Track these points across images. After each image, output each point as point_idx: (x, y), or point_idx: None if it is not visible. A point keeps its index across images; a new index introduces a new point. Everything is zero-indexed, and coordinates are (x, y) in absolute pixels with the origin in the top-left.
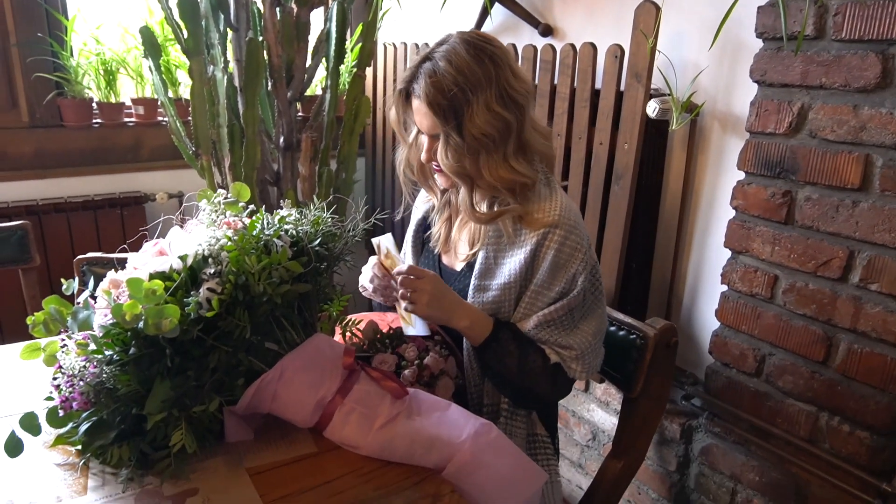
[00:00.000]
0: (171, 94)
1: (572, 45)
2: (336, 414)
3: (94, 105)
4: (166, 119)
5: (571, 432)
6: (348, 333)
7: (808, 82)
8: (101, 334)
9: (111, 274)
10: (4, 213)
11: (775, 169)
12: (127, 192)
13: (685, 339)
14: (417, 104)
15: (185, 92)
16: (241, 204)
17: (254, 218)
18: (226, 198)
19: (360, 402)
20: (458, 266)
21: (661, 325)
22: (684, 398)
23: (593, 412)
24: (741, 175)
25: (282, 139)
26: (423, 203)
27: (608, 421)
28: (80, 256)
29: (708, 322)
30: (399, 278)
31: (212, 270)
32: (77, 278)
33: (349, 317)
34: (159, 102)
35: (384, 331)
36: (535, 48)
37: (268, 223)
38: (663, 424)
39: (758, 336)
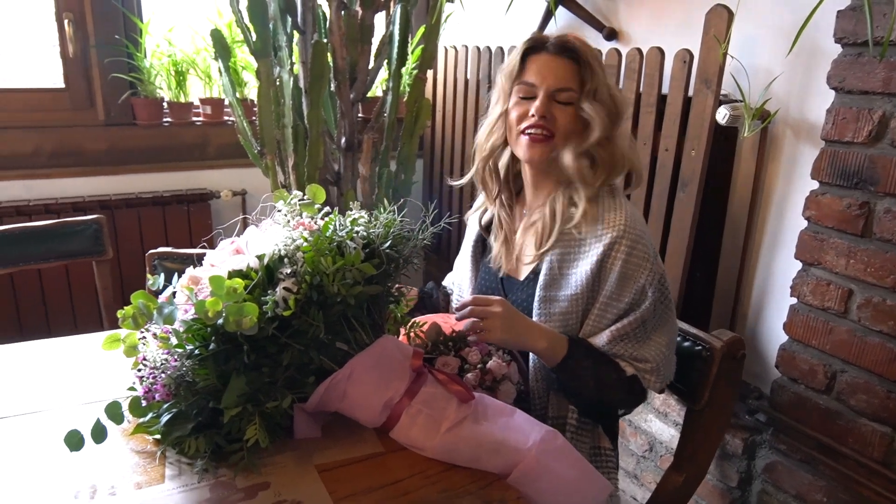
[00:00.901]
0: (238, 95)
1: (638, 50)
2: (403, 415)
3: (164, 104)
4: (232, 118)
5: (628, 442)
6: (412, 334)
7: (890, 89)
8: (182, 329)
9: (190, 270)
10: (80, 206)
11: (852, 179)
12: (193, 188)
13: (750, 351)
14: (549, 58)
15: (251, 93)
16: (315, 206)
17: (327, 219)
18: (302, 199)
19: (427, 405)
20: (523, 274)
21: (729, 337)
22: (748, 412)
23: (651, 423)
24: (815, 184)
25: (343, 139)
26: (476, 216)
27: (666, 432)
28: (151, 251)
29: (775, 335)
30: (466, 310)
31: (288, 270)
32: (148, 271)
33: (413, 318)
34: (226, 102)
35: (447, 333)
36: (599, 52)
37: (340, 225)
38: (725, 438)
39: (829, 351)
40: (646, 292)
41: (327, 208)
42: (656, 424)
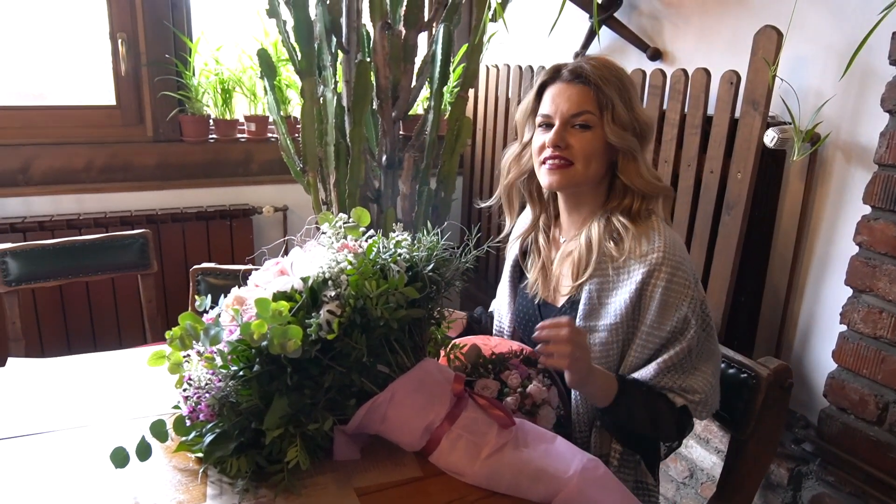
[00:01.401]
0: (282, 113)
1: (684, 71)
2: (443, 440)
3: (210, 121)
4: (276, 136)
5: (667, 468)
6: (451, 356)
7: None
8: (227, 349)
9: (235, 290)
10: (128, 220)
11: None
12: (236, 204)
13: (796, 378)
14: (563, 86)
15: (294, 110)
16: (360, 228)
17: (371, 241)
18: (347, 222)
19: (468, 430)
20: (560, 302)
21: (776, 365)
22: (794, 441)
23: (692, 449)
24: (866, 209)
25: (384, 157)
26: (516, 241)
27: (707, 459)
28: (195, 266)
29: (822, 363)
30: (535, 334)
31: (332, 293)
32: (192, 287)
33: (453, 340)
34: (271, 120)
35: (487, 355)
36: (643, 72)
37: (384, 247)
38: (770, 468)
39: (881, 381)
40: (689, 321)
41: (370, 231)
42: (697, 451)
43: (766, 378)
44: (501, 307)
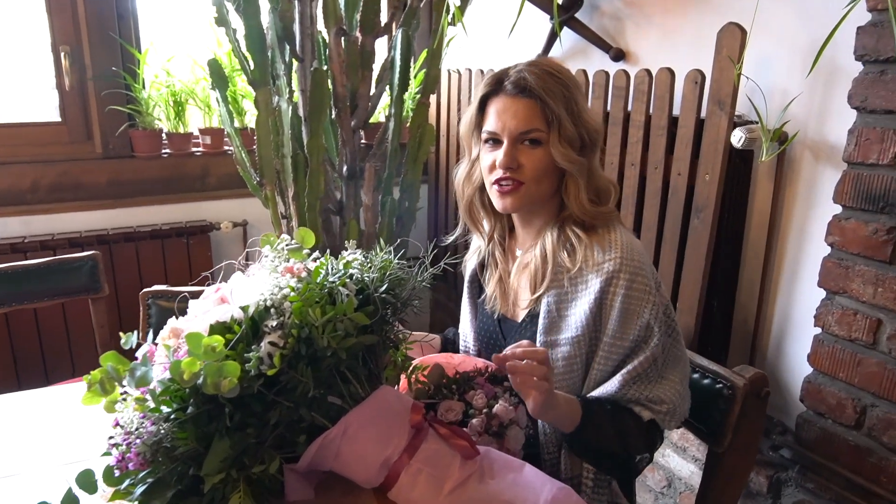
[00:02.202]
0: (237, 125)
1: (647, 71)
2: (403, 475)
3: (163, 135)
4: (232, 149)
5: (645, 478)
6: (413, 378)
7: None
8: (159, 389)
9: (172, 322)
10: (77, 241)
11: (878, 203)
12: (193, 220)
13: (772, 383)
14: (508, 101)
15: (250, 121)
16: (305, 251)
17: (318, 263)
18: (289, 243)
19: (429, 463)
20: (520, 316)
21: (751, 373)
22: (772, 448)
23: (669, 458)
24: (837, 209)
25: (345, 168)
26: (473, 257)
27: (685, 468)
28: (145, 290)
29: (798, 367)
30: (516, 363)
31: (274, 323)
32: (142, 312)
33: (415, 361)
34: (226, 133)
35: (450, 375)
36: (606, 74)
37: (332, 269)
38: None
39: (858, 385)
40: (651, 328)
41: (316, 253)
42: (675, 460)
43: (743, 388)
44: (465, 325)
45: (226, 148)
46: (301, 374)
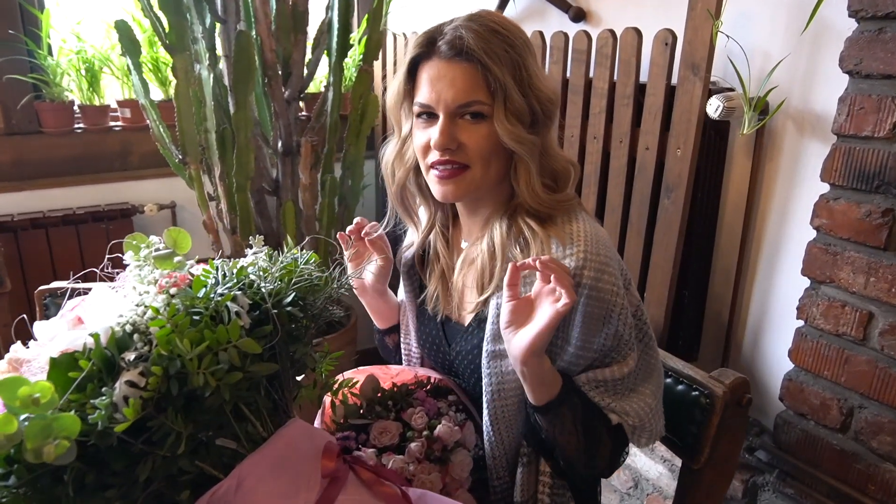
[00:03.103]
0: (162, 96)
1: (611, 32)
2: None
3: (75, 108)
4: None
5: (610, 479)
6: (340, 395)
7: None
8: None
9: (15, 348)
10: None
11: (872, 182)
12: (113, 203)
13: (748, 379)
14: (442, 66)
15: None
16: (177, 259)
17: (202, 271)
18: (158, 250)
19: None
20: (467, 320)
21: (731, 379)
22: (748, 450)
23: (636, 457)
24: (825, 188)
25: (280, 143)
26: (407, 251)
27: (653, 469)
28: (41, 287)
29: (777, 363)
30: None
31: (132, 356)
32: (38, 312)
33: (342, 376)
34: (140, 105)
35: (386, 388)
36: (565, 35)
37: (224, 276)
38: None
39: (845, 384)
40: (621, 336)
41: (196, 258)
42: (642, 460)
43: (722, 397)
44: (405, 323)
45: (148, 122)
46: (172, 421)
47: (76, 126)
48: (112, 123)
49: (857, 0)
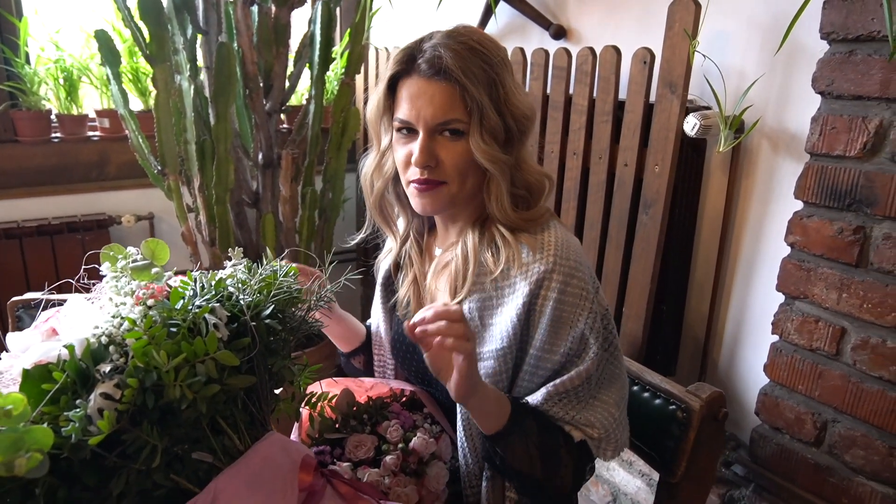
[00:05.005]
0: (141, 106)
1: (591, 49)
2: None
3: (52, 118)
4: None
5: (588, 492)
6: (318, 407)
7: (890, 94)
8: None
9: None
10: None
11: (844, 199)
12: (89, 214)
13: (725, 394)
14: (422, 84)
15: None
16: (154, 270)
17: (180, 283)
18: (135, 261)
19: None
20: None
21: (708, 394)
22: (724, 464)
23: (614, 472)
24: (798, 205)
25: (260, 155)
26: (388, 257)
27: (632, 483)
28: (14, 298)
29: (753, 377)
30: (425, 327)
31: (108, 368)
32: (11, 324)
33: (320, 385)
34: (119, 115)
35: (361, 401)
36: (546, 52)
37: (202, 288)
38: None
39: (818, 399)
40: (586, 340)
41: (174, 270)
42: (620, 474)
43: (699, 412)
44: (378, 333)
45: (127, 132)
46: (147, 434)
47: (53, 135)
48: (90, 133)
49: (828, 23)
